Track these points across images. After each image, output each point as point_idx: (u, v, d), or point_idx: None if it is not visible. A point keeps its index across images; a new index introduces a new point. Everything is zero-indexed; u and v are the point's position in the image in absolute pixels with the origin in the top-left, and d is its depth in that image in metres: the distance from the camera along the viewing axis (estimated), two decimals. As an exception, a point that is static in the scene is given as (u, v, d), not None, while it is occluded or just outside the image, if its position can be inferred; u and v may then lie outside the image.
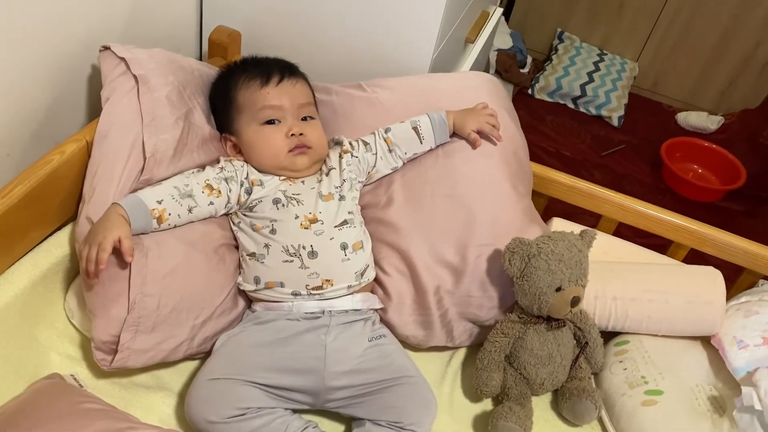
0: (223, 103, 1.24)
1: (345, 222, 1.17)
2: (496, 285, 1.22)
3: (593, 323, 1.24)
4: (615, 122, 3.04)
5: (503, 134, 1.31)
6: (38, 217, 1.10)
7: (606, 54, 3.22)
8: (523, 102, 3.10)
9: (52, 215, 1.13)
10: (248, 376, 1.03)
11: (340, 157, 1.24)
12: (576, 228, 1.39)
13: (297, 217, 1.14)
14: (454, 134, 1.30)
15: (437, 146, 1.29)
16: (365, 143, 1.27)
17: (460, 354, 1.28)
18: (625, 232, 1.47)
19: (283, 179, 1.19)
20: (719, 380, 1.22)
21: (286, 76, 1.22)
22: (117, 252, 1.02)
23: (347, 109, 1.34)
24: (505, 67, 3.04)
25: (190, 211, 1.12)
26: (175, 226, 1.12)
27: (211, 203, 1.14)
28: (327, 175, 1.22)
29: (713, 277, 1.26)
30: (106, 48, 1.20)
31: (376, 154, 1.26)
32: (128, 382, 1.11)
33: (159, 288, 1.06)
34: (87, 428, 0.88)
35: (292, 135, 1.18)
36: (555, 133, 2.98)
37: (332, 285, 1.12)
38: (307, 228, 1.14)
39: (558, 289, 1.14)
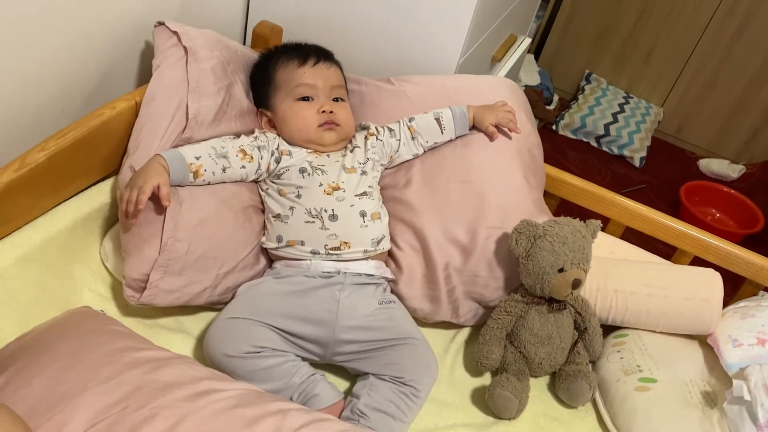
0: (262, 81, 1.35)
1: (365, 193, 1.26)
2: (502, 266, 1.29)
3: (594, 313, 1.30)
4: (636, 163, 3.11)
5: (520, 133, 1.39)
6: (86, 165, 1.20)
7: (632, 97, 3.31)
8: (547, 137, 3.19)
9: (98, 166, 1.24)
10: (265, 319, 1.11)
11: (366, 139, 1.34)
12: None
13: (321, 184, 1.23)
14: (473, 127, 1.39)
15: (457, 137, 1.38)
16: (390, 129, 1.36)
17: (464, 332, 1.34)
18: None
19: (310, 152, 1.29)
20: (713, 377, 1.26)
21: (322, 60, 1.33)
22: (155, 198, 1.12)
23: (375, 99, 1.44)
24: (531, 102, 3.11)
25: (223, 170, 1.21)
26: (209, 183, 1.21)
27: (243, 167, 1.24)
28: (351, 151, 1.31)
29: (711, 277, 1.31)
30: (161, 23, 1.32)
31: (399, 140, 1.35)
32: (152, 323, 1.19)
33: (189, 235, 1.15)
34: (111, 344, 0.96)
35: (323, 111, 1.28)
36: (577, 169, 3.06)
37: (349, 248, 1.20)
38: (329, 194, 1.22)
39: (560, 270, 1.20)
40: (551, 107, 3.29)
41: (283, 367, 1.08)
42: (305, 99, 1.30)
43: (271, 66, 1.34)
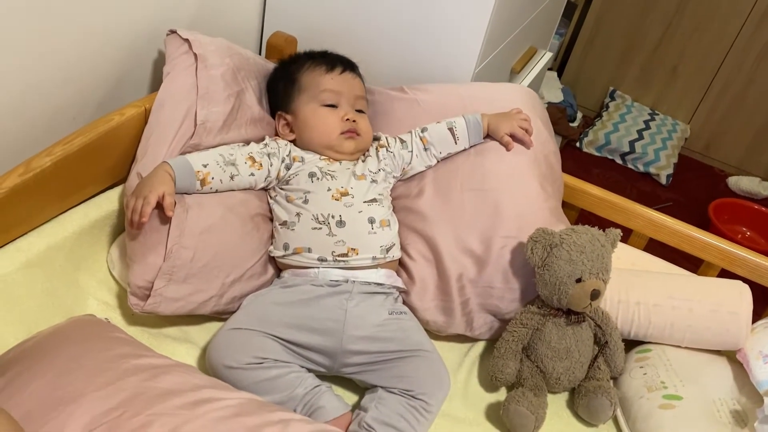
0: (284, 84, 1.33)
1: (374, 200, 1.23)
2: (518, 277, 1.24)
3: (615, 326, 1.24)
4: (663, 180, 3.04)
5: (536, 139, 1.36)
6: (94, 172, 1.19)
7: (657, 114, 3.25)
8: (570, 154, 3.14)
9: (107, 173, 1.22)
10: (269, 330, 1.08)
11: (377, 150, 1.31)
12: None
13: (329, 189, 1.21)
14: (488, 136, 1.35)
15: (471, 146, 1.35)
16: (402, 141, 1.34)
17: (479, 346, 1.29)
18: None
19: (324, 158, 1.26)
20: (743, 395, 1.20)
21: (348, 69, 1.33)
22: (160, 206, 1.10)
23: (387, 109, 1.42)
24: (554, 119, 3.10)
25: (231, 178, 1.19)
26: (216, 191, 1.19)
27: (252, 174, 1.22)
28: (364, 161, 1.29)
29: (739, 289, 1.25)
30: (173, 32, 1.31)
31: (411, 151, 1.32)
32: (157, 332, 1.16)
33: (195, 242, 1.13)
34: (112, 350, 0.93)
35: (347, 120, 1.26)
36: (601, 186, 2.99)
37: (357, 254, 1.17)
38: (337, 200, 1.20)
39: (578, 281, 1.15)
40: (575, 124, 3.24)
41: (286, 378, 1.05)
42: (330, 105, 1.28)
43: (296, 69, 1.33)
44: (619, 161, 3.14)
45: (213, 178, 1.17)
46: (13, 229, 1.08)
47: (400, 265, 1.27)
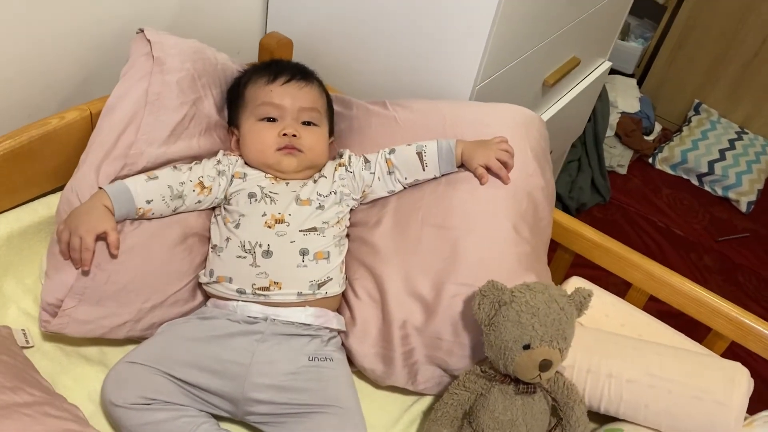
0: (232, 97, 1.24)
1: (314, 229, 1.11)
2: (470, 331, 1.09)
3: (579, 399, 1.06)
4: (743, 207, 2.72)
5: (521, 171, 1.19)
6: (27, 176, 1.14)
7: (746, 133, 2.91)
8: (640, 170, 2.88)
9: (45, 178, 1.17)
10: (166, 368, 0.99)
11: (335, 169, 1.19)
12: (599, 294, 1.24)
13: (264, 214, 1.10)
14: (462, 165, 1.20)
15: (442, 175, 1.20)
16: (366, 160, 1.21)
17: (425, 401, 1.15)
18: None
19: (268, 176, 1.16)
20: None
21: (296, 78, 1.20)
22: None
23: (362, 125, 1.29)
24: (627, 131, 2.84)
25: (174, 210, 1.12)
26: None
27: (198, 201, 1.14)
28: (315, 182, 1.17)
29: (734, 374, 1.04)
30: (141, 31, 1.24)
31: (374, 173, 1.19)
32: (72, 351, 1.10)
33: (112, 264, 1.06)
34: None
35: (284, 134, 1.15)
36: (669, 209, 2.73)
37: (280, 288, 1.06)
38: (270, 227, 1.09)
39: (527, 347, 0.99)
40: (650, 138, 2.96)
41: (176, 423, 0.96)
42: (269, 120, 1.17)
43: (243, 81, 1.23)
44: (695, 182, 2.84)
45: (153, 214, 1.10)
46: (-71, 233, 1.05)
47: (345, 303, 1.15)
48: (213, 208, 1.19)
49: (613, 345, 1.11)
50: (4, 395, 0.85)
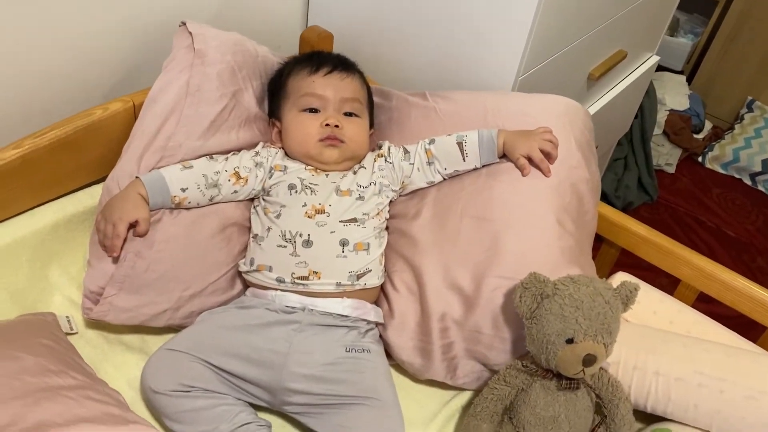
0: (274, 89, 1.24)
1: (354, 220, 1.10)
2: (511, 325, 1.07)
3: (624, 397, 1.03)
4: (798, 208, 2.62)
5: (564, 163, 1.16)
6: (72, 166, 1.16)
7: (802, 130, 2.80)
8: (689, 169, 2.79)
9: (89, 168, 1.19)
10: (205, 356, 0.99)
11: (375, 160, 1.18)
12: (646, 290, 1.20)
13: (305, 205, 1.10)
14: (504, 156, 1.17)
15: (483, 166, 1.18)
16: (405, 151, 1.19)
17: (464, 396, 1.13)
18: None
19: (309, 168, 1.16)
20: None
21: (338, 69, 1.20)
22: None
23: (402, 117, 1.28)
24: (675, 129, 2.76)
25: (211, 200, 1.12)
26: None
27: (235, 191, 1.14)
28: (355, 173, 1.16)
29: (791, 374, 0.99)
30: (183, 24, 1.25)
31: (413, 164, 1.18)
32: (114, 338, 1.12)
33: (152, 253, 1.07)
34: (22, 361, 0.89)
35: (327, 125, 1.14)
36: (720, 209, 2.64)
37: (319, 278, 1.06)
38: (310, 217, 1.09)
39: (570, 341, 0.96)
40: (700, 136, 2.87)
41: (214, 411, 0.96)
42: (312, 110, 1.17)
43: (285, 72, 1.23)
44: (747, 182, 2.75)
45: (190, 203, 1.10)
46: (-24, 221, 1.07)
47: (384, 295, 1.14)
48: (252, 199, 1.19)
49: (661, 342, 1.07)
50: (49, 378, 0.87)
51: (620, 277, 1.22)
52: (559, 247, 1.10)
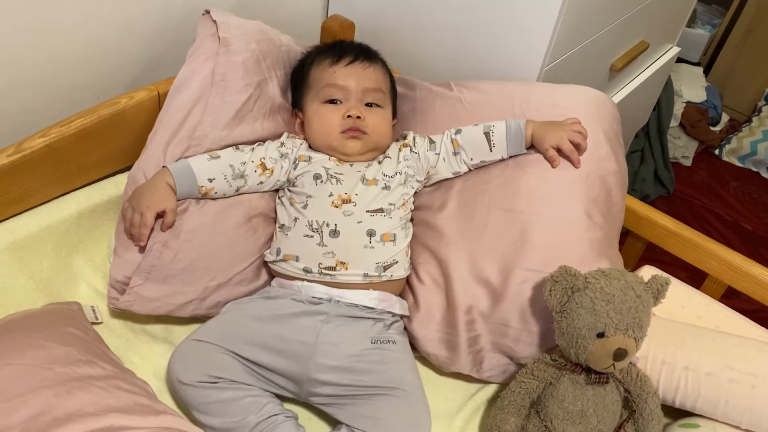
0: (297, 79, 1.23)
1: (380, 210, 1.09)
2: (538, 319, 1.06)
3: (653, 391, 1.02)
4: (817, 202, 2.59)
5: (593, 155, 1.15)
6: (97, 155, 1.15)
7: (821, 123, 2.77)
8: (706, 161, 2.77)
9: (114, 157, 1.19)
10: (232, 346, 0.99)
11: (400, 150, 1.17)
12: (674, 284, 1.18)
13: (331, 194, 1.09)
14: (532, 147, 1.16)
15: (510, 157, 1.16)
16: (431, 141, 1.18)
17: (489, 389, 1.12)
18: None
19: (332, 159, 1.15)
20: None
21: (360, 59, 1.18)
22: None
23: (426, 107, 1.26)
24: (692, 121, 2.74)
25: (237, 190, 1.12)
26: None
27: (261, 182, 1.14)
28: (380, 163, 1.15)
29: (824, 370, 0.98)
30: (207, 12, 1.24)
31: (438, 153, 1.17)
32: (139, 328, 1.11)
33: (179, 241, 1.06)
34: (52, 349, 0.89)
35: (349, 116, 1.13)
36: (737, 202, 2.62)
37: (346, 269, 1.05)
38: (337, 207, 1.08)
39: (600, 335, 0.95)
40: (717, 128, 2.85)
41: (241, 402, 0.95)
42: (333, 102, 1.16)
43: (307, 63, 1.22)
44: (765, 175, 2.72)
45: (216, 192, 1.10)
46: (3, 210, 1.07)
47: (409, 287, 1.13)
48: (276, 190, 1.18)
49: (690, 336, 1.06)
50: (79, 368, 0.86)
51: (647, 271, 1.21)
52: (588, 239, 1.09)
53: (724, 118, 2.88)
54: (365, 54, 1.20)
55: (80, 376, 0.85)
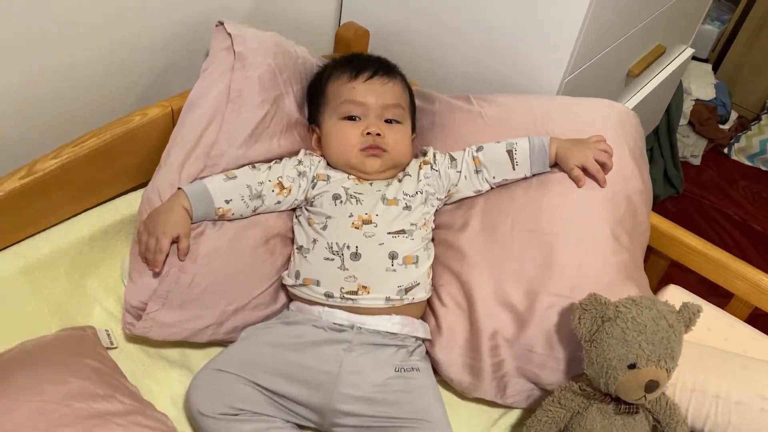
0: (313, 94, 1.20)
1: (402, 231, 1.07)
2: (565, 345, 1.03)
3: (681, 420, 1.00)
4: (827, 202, 2.57)
5: (618, 174, 1.12)
6: (111, 174, 1.12)
7: (832, 122, 2.75)
8: (714, 160, 2.74)
9: (128, 175, 1.15)
10: (253, 377, 0.97)
11: (420, 168, 1.14)
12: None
13: (351, 215, 1.06)
14: (555, 165, 1.13)
15: (533, 175, 1.14)
16: (452, 158, 1.15)
17: (513, 415, 1.10)
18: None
19: (351, 178, 1.12)
20: None
21: (379, 74, 1.15)
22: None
23: (446, 121, 1.23)
24: (701, 120, 2.71)
25: (254, 211, 1.09)
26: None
27: (278, 202, 1.11)
28: (400, 181, 1.12)
29: None
30: (221, 23, 1.20)
31: (460, 171, 1.14)
32: (155, 352, 1.09)
33: (196, 266, 1.03)
34: (68, 384, 0.86)
35: (368, 134, 1.10)
36: (746, 201, 2.60)
37: (368, 293, 1.02)
38: (357, 228, 1.05)
39: (632, 366, 0.93)
40: (726, 127, 2.82)
41: (264, 435, 0.93)
42: (352, 119, 1.13)
43: (324, 77, 1.19)
44: (774, 174, 2.70)
45: (233, 214, 1.07)
46: (14, 233, 1.04)
47: (430, 310, 1.11)
48: (293, 209, 1.15)
49: (721, 362, 1.04)
50: (98, 404, 0.84)
51: (672, 291, 1.19)
52: (615, 262, 1.06)
53: (733, 115, 2.85)
54: (384, 69, 1.17)
55: (99, 412, 0.83)
